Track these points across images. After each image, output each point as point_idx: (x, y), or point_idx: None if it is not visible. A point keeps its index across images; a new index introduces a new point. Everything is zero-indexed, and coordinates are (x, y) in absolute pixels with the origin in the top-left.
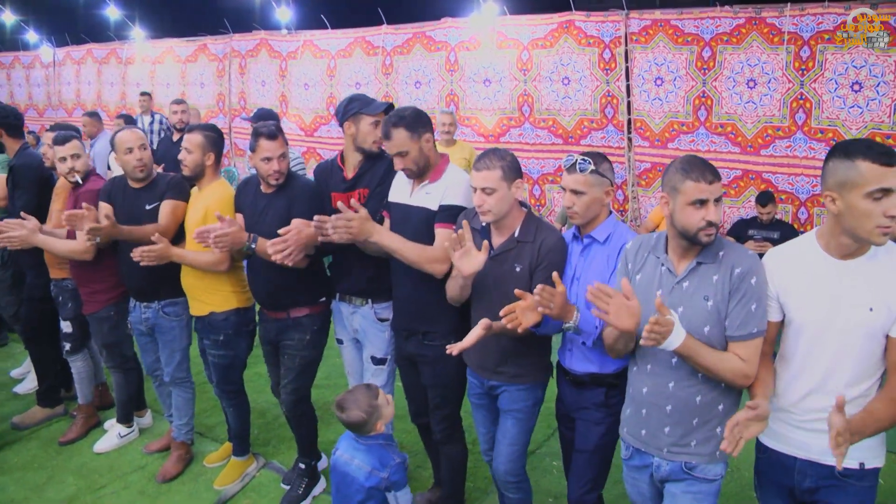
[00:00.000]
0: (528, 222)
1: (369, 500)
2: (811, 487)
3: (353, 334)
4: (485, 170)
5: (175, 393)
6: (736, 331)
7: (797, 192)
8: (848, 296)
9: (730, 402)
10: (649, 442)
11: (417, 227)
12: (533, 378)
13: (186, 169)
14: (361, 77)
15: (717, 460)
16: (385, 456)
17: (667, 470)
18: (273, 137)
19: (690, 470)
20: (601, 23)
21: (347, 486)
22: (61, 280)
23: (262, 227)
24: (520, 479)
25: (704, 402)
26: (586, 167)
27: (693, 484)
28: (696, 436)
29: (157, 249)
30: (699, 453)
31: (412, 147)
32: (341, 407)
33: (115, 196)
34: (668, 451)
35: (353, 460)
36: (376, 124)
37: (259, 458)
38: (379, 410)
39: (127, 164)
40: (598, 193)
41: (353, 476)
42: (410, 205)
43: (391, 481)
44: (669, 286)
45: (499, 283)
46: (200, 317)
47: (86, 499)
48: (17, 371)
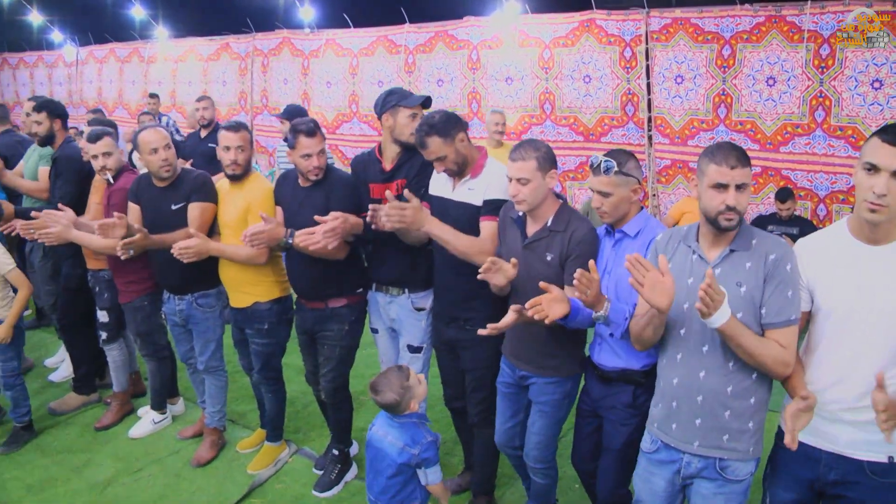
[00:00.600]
0: (562, 212)
1: (399, 475)
2: (836, 481)
3: (388, 323)
4: (520, 160)
5: (208, 381)
6: (774, 317)
7: (816, 188)
8: (878, 281)
9: (762, 396)
10: (680, 437)
11: (459, 220)
12: (565, 372)
13: (239, 168)
14: (384, 75)
15: (749, 457)
16: (417, 434)
17: (697, 467)
18: (312, 134)
19: (723, 470)
20: (622, 21)
21: (380, 461)
22: (98, 270)
23: (301, 220)
24: (547, 467)
25: (736, 392)
26: (611, 167)
27: (724, 485)
28: (729, 430)
29: (196, 246)
30: (731, 449)
31: (448, 150)
32: (375, 389)
33: (142, 195)
34: (700, 445)
35: (386, 437)
36: (414, 116)
37: (291, 445)
38: (411, 390)
39: (152, 165)
40: (625, 192)
41: (385, 451)
42: (453, 200)
43: (422, 458)
44: (701, 273)
45: (530, 271)
46: (242, 308)
47: (124, 480)
48: (51, 360)
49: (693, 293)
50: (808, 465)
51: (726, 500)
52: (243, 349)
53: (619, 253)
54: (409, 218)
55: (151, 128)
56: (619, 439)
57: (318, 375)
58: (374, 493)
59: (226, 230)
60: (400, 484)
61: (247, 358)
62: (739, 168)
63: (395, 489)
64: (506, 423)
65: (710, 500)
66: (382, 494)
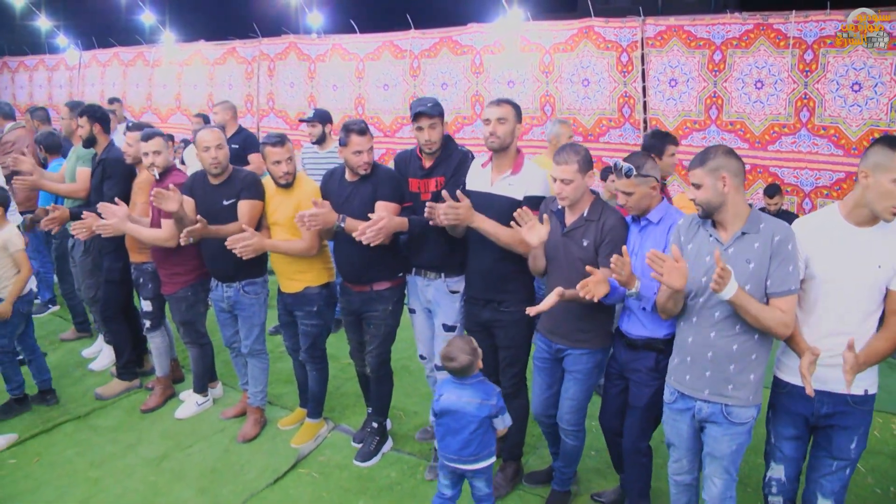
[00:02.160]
0: (596, 205)
1: (480, 427)
2: (828, 413)
3: (425, 304)
4: (564, 164)
5: (252, 363)
6: (777, 288)
7: (802, 184)
8: (861, 255)
9: (762, 354)
10: (693, 386)
11: (500, 212)
12: (597, 344)
13: (290, 177)
14: (389, 79)
15: (750, 404)
16: (488, 388)
17: (707, 412)
18: (363, 133)
19: (728, 414)
20: (619, 28)
21: (459, 420)
22: (141, 263)
23: (348, 211)
24: (578, 429)
25: (741, 350)
26: (631, 172)
27: (730, 427)
28: (733, 381)
29: (253, 242)
30: (735, 397)
31: (512, 118)
32: (449, 357)
33: (196, 190)
34: (710, 393)
35: (460, 399)
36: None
37: (329, 422)
38: (478, 352)
39: (204, 161)
40: (645, 190)
41: (464, 411)
42: (493, 193)
43: (499, 407)
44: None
45: (569, 255)
46: (293, 293)
47: (177, 456)
48: (88, 350)
49: (710, 269)
50: (804, 403)
51: (731, 440)
52: (289, 332)
53: (644, 237)
54: (462, 215)
55: (208, 128)
56: (643, 399)
57: (362, 352)
58: (454, 450)
59: (277, 227)
60: (480, 435)
61: (291, 340)
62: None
63: (476, 441)
64: (543, 394)
65: (719, 441)
66: (464, 449)
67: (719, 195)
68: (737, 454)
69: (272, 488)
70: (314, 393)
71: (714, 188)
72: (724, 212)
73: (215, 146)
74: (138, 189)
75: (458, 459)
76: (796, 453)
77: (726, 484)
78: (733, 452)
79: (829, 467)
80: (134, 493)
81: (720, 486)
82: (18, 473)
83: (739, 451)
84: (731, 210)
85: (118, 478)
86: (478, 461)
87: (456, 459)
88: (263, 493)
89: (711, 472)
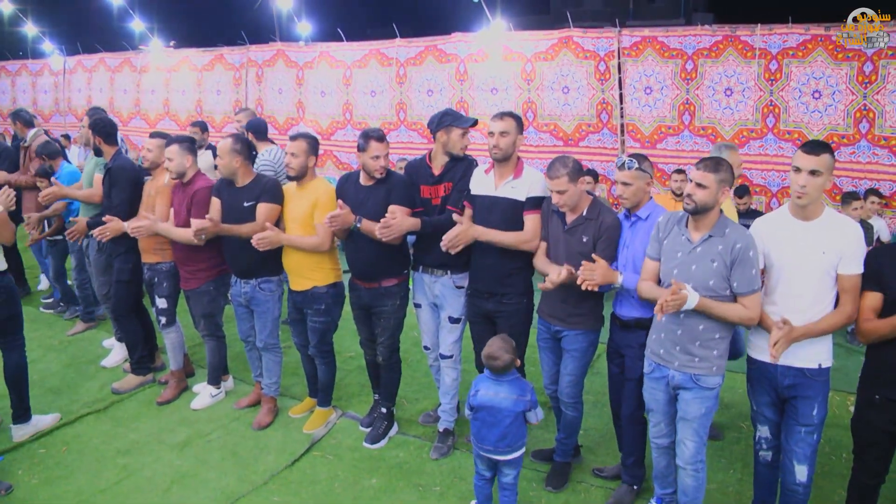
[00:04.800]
0: (594, 205)
1: (515, 421)
2: (790, 384)
3: (432, 299)
4: (556, 178)
5: (266, 356)
6: (743, 289)
7: (769, 185)
8: (808, 244)
9: (724, 332)
10: (665, 358)
11: (505, 212)
12: (590, 325)
13: (292, 171)
14: (376, 85)
15: (714, 374)
16: (523, 385)
17: (679, 380)
18: (382, 140)
19: (697, 380)
20: (597, 38)
21: (495, 415)
22: (156, 264)
23: (363, 213)
24: (576, 401)
25: (706, 329)
26: (633, 165)
27: (699, 392)
28: (699, 355)
29: (271, 237)
30: (701, 367)
31: (513, 131)
32: (493, 357)
33: (222, 192)
34: (679, 364)
35: (497, 395)
36: (464, 134)
37: (337, 410)
38: (515, 351)
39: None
40: (641, 184)
41: (500, 406)
42: (498, 196)
43: (533, 402)
44: (687, 250)
45: (570, 250)
46: (302, 291)
47: (198, 442)
48: (109, 341)
49: (681, 264)
50: (769, 376)
51: (701, 403)
52: (298, 328)
53: (634, 232)
54: (469, 238)
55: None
56: (637, 371)
57: (373, 342)
58: (491, 442)
59: (293, 224)
60: (515, 427)
61: (300, 336)
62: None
63: (512, 433)
64: (551, 369)
65: (690, 403)
66: (501, 441)
67: (714, 202)
68: (706, 417)
69: (291, 469)
70: (324, 383)
71: (714, 195)
72: (706, 216)
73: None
74: (160, 195)
75: (493, 451)
76: (775, 416)
77: (697, 447)
78: (703, 416)
79: (798, 433)
80: (163, 476)
81: (692, 449)
82: (50, 461)
83: (708, 414)
84: (710, 215)
85: (146, 462)
86: (511, 451)
87: (492, 451)
88: (283, 474)
89: (684, 436)
